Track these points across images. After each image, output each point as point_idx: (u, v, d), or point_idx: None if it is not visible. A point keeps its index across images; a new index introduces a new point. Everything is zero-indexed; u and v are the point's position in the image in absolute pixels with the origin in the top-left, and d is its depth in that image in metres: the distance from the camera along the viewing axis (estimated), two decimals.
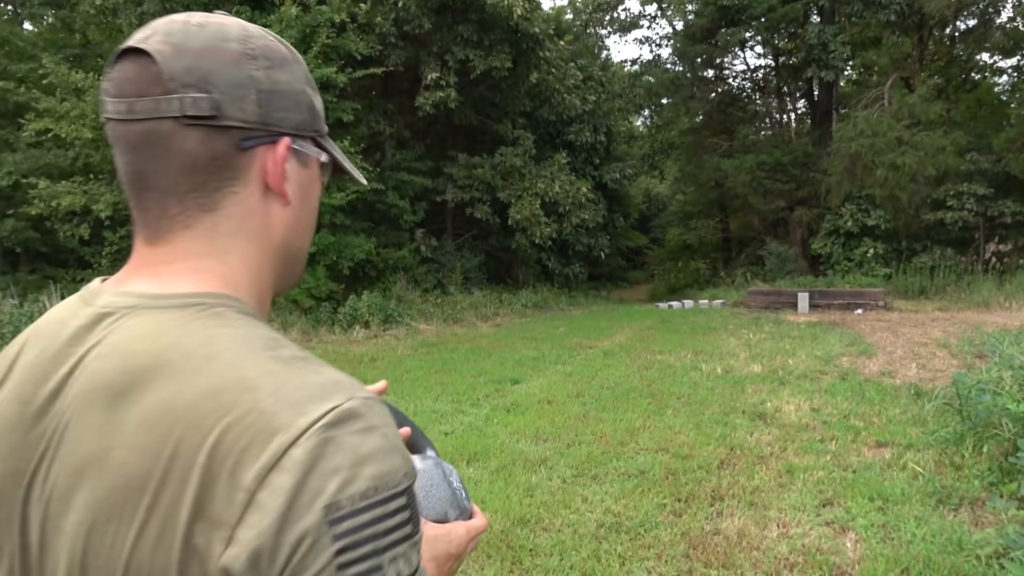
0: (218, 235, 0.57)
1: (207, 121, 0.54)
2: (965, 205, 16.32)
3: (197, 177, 0.56)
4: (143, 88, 0.54)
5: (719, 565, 2.95)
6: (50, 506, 0.50)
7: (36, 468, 0.51)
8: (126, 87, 0.55)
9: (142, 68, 0.54)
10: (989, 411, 4.18)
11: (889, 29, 18.45)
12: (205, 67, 0.54)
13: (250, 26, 0.59)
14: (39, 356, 0.56)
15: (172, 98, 0.53)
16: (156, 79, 0.54)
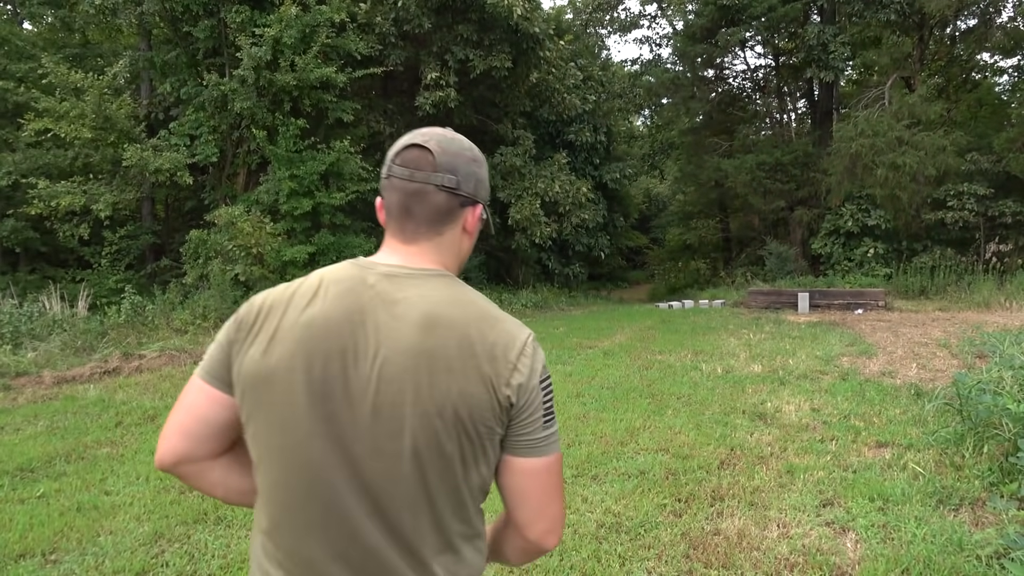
0: (440, 246, 1.05)
1: (450, 190, 1.02)
2: (965, 205, 16.31)
3: (437, 216, 1.03)
4: (422, 166, 1.01)
5: (719, 565, 2.95)
6: (384, 368, 0.92)
7: (357, 348, 0.93)
8: (411, 163, 1.02)
9: (423, 155, 1.02)
10: (989, 411, 4.17)
11: (889, 29, 18.44)
12: (455, 162, 1.03)
13: (471, 143, 1.09)
14: (349, 290, 0.97)
15: (437, 174, 1.01)
16: (430, 163, 1.01)
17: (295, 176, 11.17)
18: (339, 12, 11.43)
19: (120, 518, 3.48)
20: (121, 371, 7.40)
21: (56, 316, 8.87)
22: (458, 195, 1.02)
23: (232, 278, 10.69)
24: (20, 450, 4.59)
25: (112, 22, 13.27)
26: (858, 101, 18.21)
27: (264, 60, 10.78)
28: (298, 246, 11.15)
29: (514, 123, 16.62)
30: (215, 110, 11.62)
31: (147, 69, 13.39)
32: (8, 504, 3.67)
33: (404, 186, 1.01)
